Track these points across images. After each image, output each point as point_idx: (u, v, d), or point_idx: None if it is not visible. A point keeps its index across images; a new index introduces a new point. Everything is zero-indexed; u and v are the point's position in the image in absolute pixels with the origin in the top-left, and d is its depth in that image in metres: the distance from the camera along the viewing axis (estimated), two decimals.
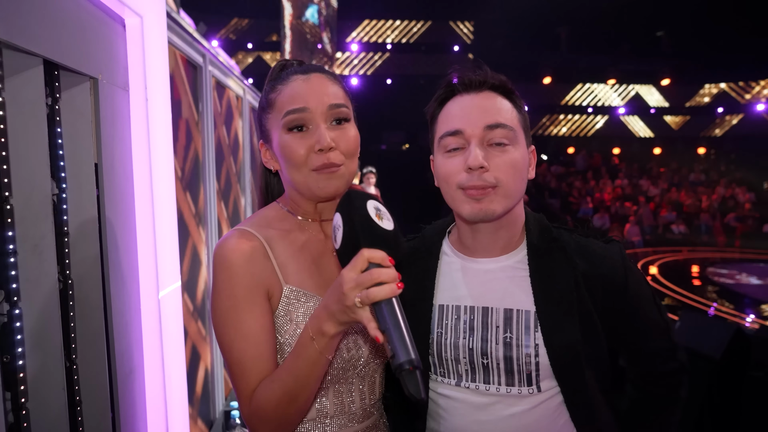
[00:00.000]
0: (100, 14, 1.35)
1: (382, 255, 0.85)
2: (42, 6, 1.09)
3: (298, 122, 1.04)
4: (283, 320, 1.03)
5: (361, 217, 0.87)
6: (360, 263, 0.84)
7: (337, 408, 1.06)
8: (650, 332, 1.16)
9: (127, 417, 1.42)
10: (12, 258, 1.02)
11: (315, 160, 1.03)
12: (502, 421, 1.07)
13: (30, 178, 1.08)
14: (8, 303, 1.02)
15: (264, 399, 0.96)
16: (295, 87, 1.05)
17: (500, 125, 1.05)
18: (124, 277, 1.45)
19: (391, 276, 0.84)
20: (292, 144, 1.04)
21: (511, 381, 1.07)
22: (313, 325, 0.91)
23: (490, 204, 1.05)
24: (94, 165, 1.33)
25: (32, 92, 1.10)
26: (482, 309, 1.10)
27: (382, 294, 0.82)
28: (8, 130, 1.01)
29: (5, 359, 1.02)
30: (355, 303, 0.83)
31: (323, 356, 0.92)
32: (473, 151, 1.04)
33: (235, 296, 0.99)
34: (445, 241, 1.21)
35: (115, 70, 1.41)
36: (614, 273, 1.11)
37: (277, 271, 1.03)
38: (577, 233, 1.17)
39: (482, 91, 1.09)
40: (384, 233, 0.87)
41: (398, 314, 0.83)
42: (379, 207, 0.91)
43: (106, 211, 1.35)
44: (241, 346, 0.99)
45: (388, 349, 0.82)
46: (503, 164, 1.05)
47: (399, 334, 0.81)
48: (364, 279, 0.83)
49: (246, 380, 0.98)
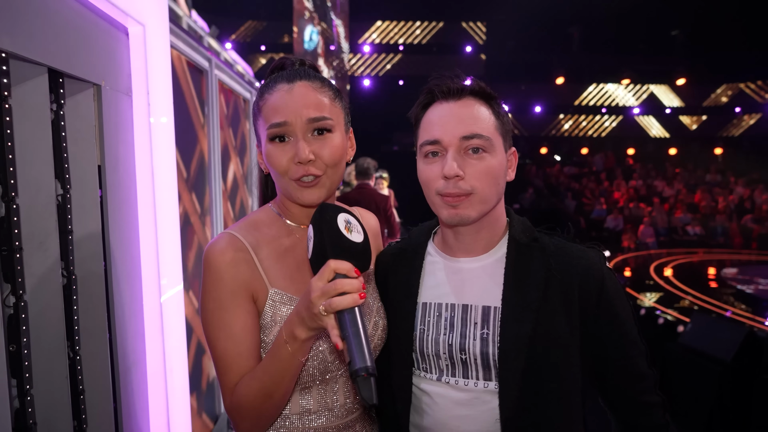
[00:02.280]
0: (103, 24, 1.42)
1: (347, 266, 0.91)
2: (47, 18, 1.16)
3: (279, 134, 1.09)
4: (268, 321, 1.09)
5: (330, 230, 0.92)
6: (327, 273, 0.90)
7: (320, 405, 1.12)
8: (629, 346, 1.12)
9: (129, 406, 1.49)
10: (18, 254, 1.10)
11: (294, 172, 1.09)
12: (482, 415, 1.11)
13: (35, 180, 1.16)
14: (14, 296, 1.09)
15: (243, 394, 1.03)
16: (278, 99, 1.09)
17: (475, 135, 1.09)
18: (127, 274, 1.52)
19: (354, 286, 0.89)
20: (274, 154, 1.09)
21: (488, 376, 1.11)
22: (286, 329, 0.97)
23: (465, 210, 1.10)
24: (97, 167, 1.40)
25: (37, 99, 1.17)
26: (462, 306, 1.15)
27: (345, 303, 0.88)
28: (15, 134, 1.08)
29: (12, 348, 1.09)
30: (320, 311, 0.89)
31: (296, 358, 0.98)
32: (449, 160, 1.09)
33: (220, 298, 1.06)
34: (430, 242, 1.26)
35: (117, 77, 1.48)
36: (590, 274, 1.12)
37: (262, 274, 1.09)
38: (557, 236, 1.20)
39: (462, 98, 1.13)
40: (351, 245, 0.93)
41: (358, 323, 0.88)
42: (349, 220, 0.96)
43: (108, 211, 1.42)
44: (224, 345, 1.06)
45: (346, 355, 0.87)
46: (478, 172, 1.09)
47: (357, 342, 0.87)
48: (328, 288, 0.88)
49: (228, 375, 1.06)
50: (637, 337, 1.14)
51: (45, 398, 1.16)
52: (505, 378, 1.08)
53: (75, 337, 1.29)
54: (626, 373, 1.13)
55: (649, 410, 1.14)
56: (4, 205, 1.06)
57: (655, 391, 1.15)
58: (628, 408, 1.15)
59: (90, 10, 1.35)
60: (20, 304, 1.10)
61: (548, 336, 1.09)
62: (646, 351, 1.15)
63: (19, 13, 1.06)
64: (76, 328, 1.29)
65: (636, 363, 1.13)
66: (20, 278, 1.10)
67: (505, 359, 1.08)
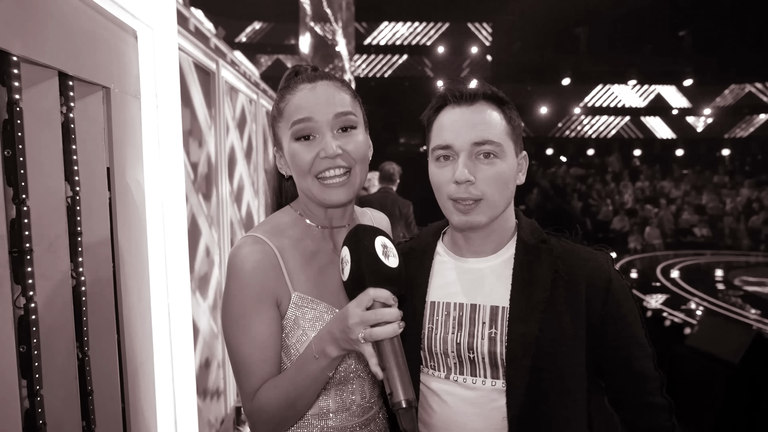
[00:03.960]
0: (112, 27, 1.43)
1: (387, 295, 0.91)
2: (57, 22, 1.17)
3: (305, 132, 1.08)
4: (291, 325, 1.09)
5: (368, 257, 0.92)
6: (365, 301, 0.90)
7: (338, 405, 1.13)
8: (635, 348, 1.13)
9: (137, 406, 1.50)
10: (29, 256, 1.11)
11: (318, 165, 1.07)
12: (489, 413, 1.12)
13: (45, 182, 1.17)
14: (24, 297, 1.10)
15: (265, 401, 1.03)
16: (302, 97, 1.08)
17: (487, 141, 1.10)
18: (135, 276, 1.53)
19: (394, 315, 0.89)
20: (299, 153, 1.08)
21: (496, 374, 1.12)
22: (317, 345, 0.98)
23: (476, 217, 1.11)
24: (106, 169, 1.41)
25: (48, 102, 1.18)
26: (471, 306, 1.16)
27: (385, 334, 0.88)
28: (25, 137, 1.09)
29: (22, 349, 1.10)
30: (359, 338, 0.89)
31: (324, 374, 0.99)
32: (460, 166, 1.09)
33: (245, 303, 1.05)
34: (440, 242, 1.27)
35: (126, 80, 1.50)
36: (597, 276, 1.12)
37: (286, 279, 1.08)
38: (565, 238, 1.21)
39: (474, 103, 1.13)
40: (389, 272, 0.92)
41: (398, 353, 0.89)
42: (386, 244, 0.95)
43: (117, 213, 1.43)
44: (248, 350, 1.05)
45: (387, 386, 0.88)
46: (489, 178, 1.10)
47: (399, 373, 0.87)
48: (368, 317, 0.89)
49: (250, 380, 1.06)
50: (644, 339, 1.15)
51: (54, 399, 1.17)
52: (512, 376, 1.09)
53: (84, 338, 1.30)
54: (632, 374, 1.13)
55: (655, 412, 1.14)
56: (15, 207, 1.07)
57: (662, 394, 1.15)
58: (633, 409, 1.15)
59: (99, 13, 1.36)
60: (30, 305, 1.11)
61: (554, 336, 1.10)
62: (652, 353, 1.15)
63: (30, 17, 1.07)
64: (85, 329, 1.30)
65: (642, 365, 1.13)
66: (30, 280, 1.11)
67: (512, 358, 1.09)
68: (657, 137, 20.05)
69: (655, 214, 14.06)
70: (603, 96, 19.83)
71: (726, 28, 16.13)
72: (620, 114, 19.93)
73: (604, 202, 14.79)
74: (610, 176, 17.08)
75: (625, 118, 19.91)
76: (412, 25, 19.42)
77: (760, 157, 18.33)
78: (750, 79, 18.80)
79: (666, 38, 18.06)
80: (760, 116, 19.28)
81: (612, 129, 20.12)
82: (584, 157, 19.32)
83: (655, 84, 19.42)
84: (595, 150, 19.60)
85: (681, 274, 9.87)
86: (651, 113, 19.81)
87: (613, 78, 19.18)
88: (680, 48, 18.60)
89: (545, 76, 18.02)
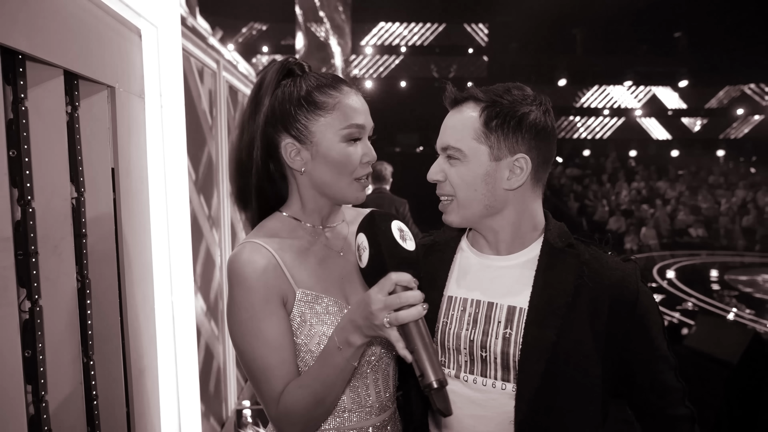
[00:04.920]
0: (117, 26, 1.41)
1: (408, 278, 0.91)
2: (63, 19, 1.15)
3: (358, 136, 1.12)
4: (298, 322, 1.08)
5: (387, 241, 0.92)
6: (388, 286, 0.90)
7: (354, 403, 1.11)
8: (659, 361, 1.12)
9: (141, 411, 1.48)
10: (34, 258, 1.08)
11: (360, 170, 1.12)
12: (497, 416, 1.10)
13: (51, 183, 1.14)
14: (30, 301, 1.08)
15: (292, 403, 1.02)
16: (355, 101, 1.12)
17: (448, 147, 1.14)
18: (139, 278, 1.51)
19: (417, 298, 0.89)
20: (351, 154, 1.10)
21: (507, 377, 1.10)
22: (339, 335, 0.97)
23: (449, 215, 1.16)
24: (111, 170, 1.39)
25: (53, 101, 1.16)
26: (487, 304, 1.15)
27: (410, 317, 0.88)
28: (30, 137, 1.07)
29: (27, 354, 1.08)
30: (383, 323, 0.89)
31: (350, 364, 0.97)
32: (433, 166, 1.16)
33: (253, 307, 1.04)
34: (464, 238, 1.27)
35: (131, 79, 1.47)
36: (624, 286, 1.10)
37: (288, 277, 1.08)
38: (594, 246, 1.19)
39: (456, 107, 1.16)
40: (408, 255, 0.93)
41: (425, 335, 0.88)
42: (402, 228, 0.96)
43: (122, 214, 1.41)
44: (263, 354, 1.04)
45: (416, 368, 0.87)
46: (452, 177, 1.14)
47: (427, 354, 0.87)
48: (392, 301, 0.89)
49: (272, 385, 1.04)
50: (667, 352, 1.13)
51: (60, 404, 1.15)
52: (523, 380, 1.07)
53: (89, 342, 1.28)
54: (654, 387, 1.12)
55: (677, 423, 1.13)
56: (20, 208, 1.05)
57: (684, 404, 1.13)
58: (655, 421, 1.14)
59: (104, 11, 1.34)
60: (35, 309, 1.09)
61: (571, 344, 1.08)
62: (675, 364, 1.14)
63: (35, 14, 1.05)
64: (89, 332, 1.28)
65: (665, 377, 1.12)
66: (35, 283, 1.09)
67: (525, 361, 1.07)
68: (652, 138, 20.13)
69: (651, 215, 14.11)
70: (599, 96, 19.90)
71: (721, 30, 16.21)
72: (616, 115, 20.00)
73: (600, 203, 14.83)
74: (606, 177, 17.13)
75: (620, 118, 19.98)
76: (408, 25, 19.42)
77: (755, 158, 18.44)
78: (745, 80, 18.92)
79: (662, 39, 18.14)
80: (754, 117, 19.39)
81: (608, 130, 20.19)
82: (580, 157, 19.36)
83: (651, 85, 19.49)
84: (590, 151, 19.65)
85: (677, 274, 9.90)
86: (646, 114, 19.90)
87: (609, 79, 19.24)
88: (676, 49, 18.69)
89: (541, 76, 18.05)
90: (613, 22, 16.87)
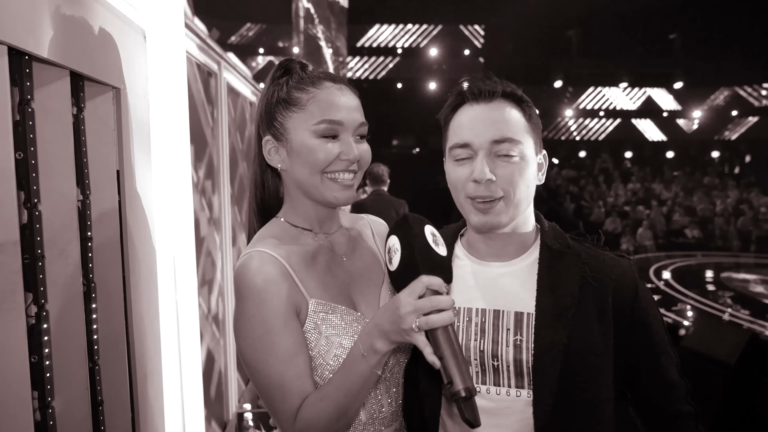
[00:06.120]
0: (123, 26, 1.39)
1: (440, 282, 0.89)
2: (69, 20, 1.13)
3: (333, 132, 1.06)
4: (312, 334, 1.03)
5: (421, 244, 0.90)
6: (419, 289, 0.88)
7: (368, 416, 1.08)
8: (662, 356, 1.12)
9: (146, 417, 1.46)
10: (40, 262, 1.07)
11: (335, 165, 1.05)
12: (514, 424, 1.09)
13: (57, 186, 1.13)
14: (36, 305, 1.06)
15: (314, 416, 0.97)
16: (332, 96, 1.06)
17: (506, 139, 1.08)
18: (144, 281, 1.49)
19: (448, 303, 0.87)
20: (319, 150, 1.04)
21: (521, 384, 1.09)
22: (364, 342, 0.93)
23: (496, 216, 1.09)
24: (116, 172, 1.37)
25: (59, 103, 1.14)
26: (493, 312, 1.12)
27: (441, 321, 0.86)
28: (37, 139, 1.05)
29: (33, 359, 1.06)
30: (412, 327, 0.86)
31: (374, 372, 0.94)
32: (479, 164, 1.07)
33: (268, 321, 0.99)
34: (458, 244, 1.23)
35: (136, 80, 1.46)
36: (624, 282, 1.11)
37: (300, 287, 1.04)
38: (589, 244, 1.19)
39: (492, 100, 1.11)
40: (440, 260, 0.91)
41: (454, 341, 0.86)
42: (435, 232, 0.94)
43: (126, 217, 1.39)
44: (279, 369, 0.98)
45: (444, 376, 0.85)
46: (509, 175, 1.08)
47: (456, 362, 0.85)
48: (423, 305, 0.86)
49: (288, 403, 0.98)
50: (669, 347, 1.13)
51: (65, 410, 1.13)
52: (540, 386, 1.06)
53: (95, 347, 1.26)
54: (657, 382, 1.12)
55: (682, 420, 1.13)
56: (26, 212, 1.03)
57: (687, 401, 1.13)
58: (659, 418, 1.14)
59: (109, 11, 1.32)
60: (42, 313, 1.07)
61: (583, 344, 1.07)
62: (677, 360, 1.14)
63: (41, 14, 1.03)
64: (95, 337, 1.26)
65: (668, 372, 1.12)
66: (42, 287, 1.07)
67: (539, 366, 1.06)
68: (648, 139, 20.23)
69: (646, 216, 14.17)
70: (594, 98, 19.98)
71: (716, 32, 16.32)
72: (611, 116, 20.09)
73: (596, 204, 14.88)
74: (602, 178, 17.19)
75: (616, 120, 20.07)
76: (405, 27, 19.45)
77: (749, 159, 18.57)
78: (739, 81, 19.05)
79: (657, 41, 18.26)
80: (749, 118, 19.52)
81: (603, 131, 20.27)
82: (576, 159, 19.43)
83: (646, 86, 19.61)
84: (586, 152, 19.73)
85: (673, 275, 9.93)
86: (642, 116, 19.99)
87: (605, 80, 19.35)
88: (671, 51, 18.81)
89: (537, 78, 18.10)
90: (609, 24, 16.96)
